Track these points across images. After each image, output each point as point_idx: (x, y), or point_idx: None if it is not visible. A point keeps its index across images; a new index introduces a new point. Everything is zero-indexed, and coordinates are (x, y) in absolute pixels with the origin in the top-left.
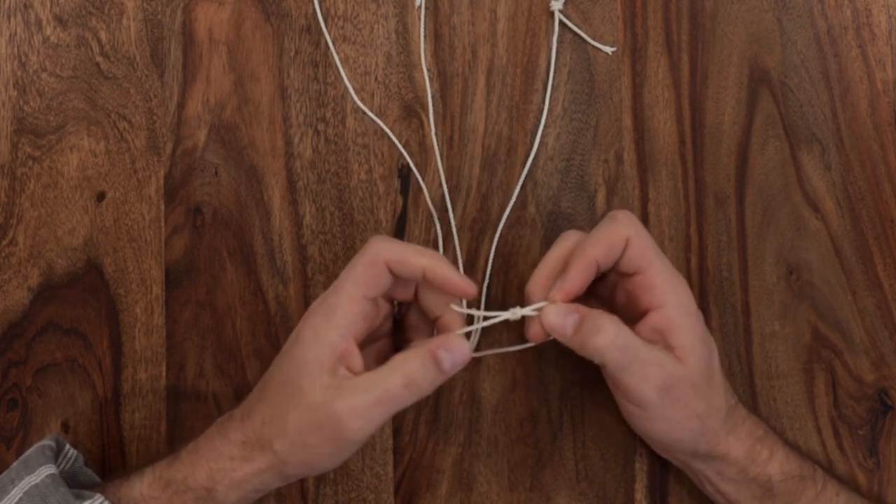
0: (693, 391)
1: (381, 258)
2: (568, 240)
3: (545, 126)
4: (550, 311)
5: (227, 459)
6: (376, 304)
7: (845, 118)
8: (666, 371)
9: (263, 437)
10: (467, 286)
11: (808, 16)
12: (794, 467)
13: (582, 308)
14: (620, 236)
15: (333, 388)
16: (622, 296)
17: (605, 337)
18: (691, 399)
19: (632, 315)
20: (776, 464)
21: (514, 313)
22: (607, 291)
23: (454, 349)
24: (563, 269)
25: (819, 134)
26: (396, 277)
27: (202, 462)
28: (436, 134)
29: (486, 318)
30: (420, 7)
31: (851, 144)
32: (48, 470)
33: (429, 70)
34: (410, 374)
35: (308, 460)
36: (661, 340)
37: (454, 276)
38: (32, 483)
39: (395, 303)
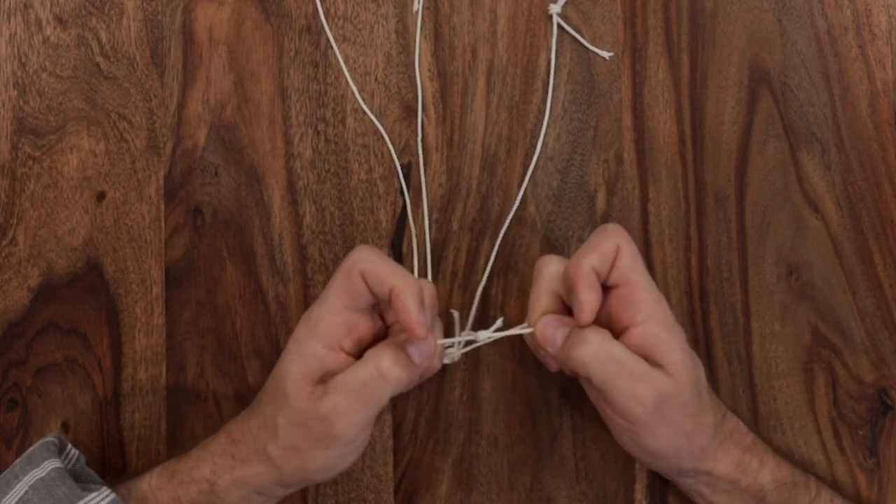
0: (682, 409)
1: (357, 268)
2: (548, 265)
3: (545, 126)
4: (543, 322)
5: (228, 457)
6: (367, 316)
7: (845, 118)
8: (655, 388)
9: (259, 441)
10: (418, 328)
11: (808, 16)
12: (785, 474)
13: (574, 321)
14: (611, 244)
15: (318, 394)
16: (603, 315)
17: (588, 348)
18: (680, 417)
19: (614, 333)
20: (767, 472)
21: (480, 335)
22: None
23: (420, 342)
24: (565, 288)
25: (819, 134)
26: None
27: (207, 456)
28: (422, 138)
29: (468, 343)
30: (418, 12)
31: (851, 144)
32: (53, 464)
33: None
34: (381, 363)
35: (302, 465)
36: (647, 357)
37: (412, 312)
38: (38, 477)
39: None
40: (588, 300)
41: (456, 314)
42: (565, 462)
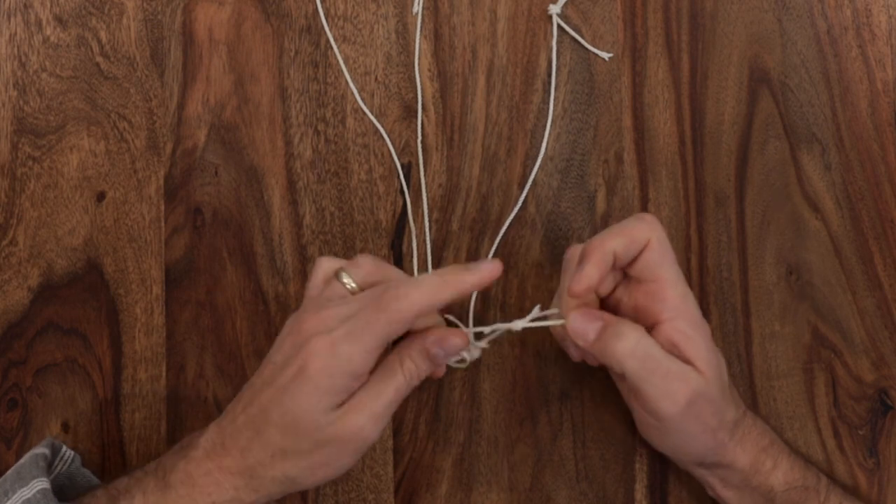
0: (710, 406)
1: (411, 318)
2: (577, 255)
3: (545, 126)
4: (575, 317)
5: (231, 489)
6: None
7: (845, 118)
8: (690, 386)
9: (275, 469)
10: (492, 272)
11: (808, 16)
12: (797, 477)
13: (607, 315)
14: (643, 234)
15: (341, 414)
16: (629, 309)
17: (626, 343)
18: (708, 414)
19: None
20: (780, 474)
21: (516, 324)
22: (611, 308)
23: (449, 345)
24: (580, 257)
25: (819, 134)
26: None
27: (202, 496)
28: (422, 138)
29: (492, 331)
30: (418, 14)
31: (851, 144)
32: (40, 484)
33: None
34: (410, 374)
35: (327, 475)
36: (676, 354)
37: (478, 278)
38: (25, 497)
39: None
40: (589, 276)
41: (466, 329)
42: (565, 462)
